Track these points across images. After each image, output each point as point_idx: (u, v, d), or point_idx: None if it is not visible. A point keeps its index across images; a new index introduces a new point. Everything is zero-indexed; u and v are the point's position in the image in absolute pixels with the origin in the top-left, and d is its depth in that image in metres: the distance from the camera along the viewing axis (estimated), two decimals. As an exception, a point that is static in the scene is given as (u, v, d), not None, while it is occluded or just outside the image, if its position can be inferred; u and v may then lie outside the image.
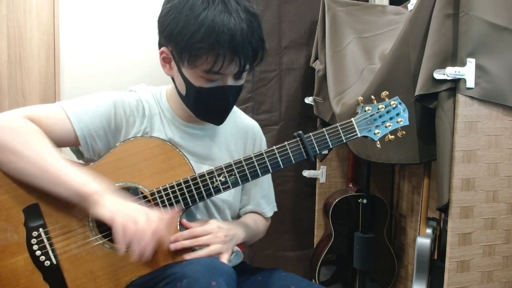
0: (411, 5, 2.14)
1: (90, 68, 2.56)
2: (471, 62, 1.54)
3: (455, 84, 1.58)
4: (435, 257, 1.90)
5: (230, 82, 1.14)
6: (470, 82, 1.55)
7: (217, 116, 1.21)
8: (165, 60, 1.18)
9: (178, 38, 1.09)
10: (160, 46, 1.17)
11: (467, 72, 1.54)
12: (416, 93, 1.63)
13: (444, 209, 1.64)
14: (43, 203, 1.08)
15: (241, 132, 1.34)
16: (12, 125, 1.07)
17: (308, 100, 2.47)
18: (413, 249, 2.11)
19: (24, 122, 1.08)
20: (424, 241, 1.87)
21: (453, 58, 1.59)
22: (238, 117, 1.36)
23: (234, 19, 1.06)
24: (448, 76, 1.57)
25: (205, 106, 1.18)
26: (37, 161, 1.05)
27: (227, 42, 1.06)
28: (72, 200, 1.05)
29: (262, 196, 1.39)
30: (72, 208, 1.09)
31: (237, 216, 1.38)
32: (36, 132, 1.07)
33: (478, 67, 1.55)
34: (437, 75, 1.59)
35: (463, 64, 1.55)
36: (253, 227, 1.34)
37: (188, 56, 1.09)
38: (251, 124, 1.39)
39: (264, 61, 1.17)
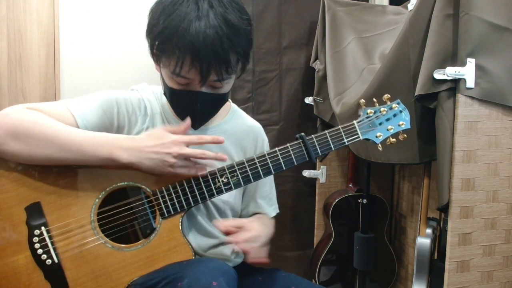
0: (411, 5, 2.14)
1: (90, 68, 2.56)
2: (471, 62, 1.55)
3: (455, 84, 1.58)
4: (435, 257, 1.90)
5: (202, 88, 1.12)
6: (470, 82, 1.55)
7: (192, 120, 1.16)
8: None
9: (150, 35, 1.12)
10: None
11: (467, 72, 1.55)
12: (416, 93, 1.63)
13: (444, 209, 1.64)
14: (45, 202, 1.08)
15: (242, 133, 1.34)
16: (20, 114, 1.06)
17: (308, 100, 2.47)
18: (413, 249, 2.11)
19: (29, 110, 1.08)
20: (424, 241, 1.87)
21: (453, 58, 1.59)
22: (240, 117, 1.35)
23: (199, 25, 1.04)
24: (448, 76, 1.57)
25: (179, 108, 1.19)
26: (57, 138, 1.04)
27: (186, 47, 1.04)
28: (103, 161, 1.06)
29: (263, 197, 1.39)
30: (75, 206, 1.09)
31: (239, 217, 1.38)
32: (41, 114, 1.07)
33: (478, 67, 1.55)
34: (437, 75, 1.59)
35: (463, 64, 1.55)
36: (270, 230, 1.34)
37: (156, 55, 1.11)
38: (252, 125, 1.38)
39: (244, 72, 1.16)
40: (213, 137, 1.12)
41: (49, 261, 1.07)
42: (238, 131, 1.33)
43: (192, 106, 1.15)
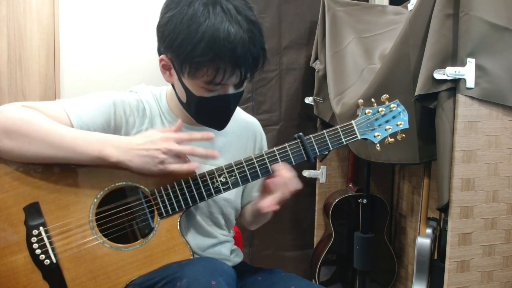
0: (411, 5, 2.14)
1: (90, 68, 2.56)
2: (471, 62, 1.54)
3: (455, 84, 1.58)
4: (435, 257, 1.90)
5: (231, 90, 1.14)
6: (470, 82, 1.55)
7: (218, 123, 1.20)
8: (165, 67, 1.17)
9: (179, 50, 1.07)
10: (159, 53, 1.16)
11: (467, 72, 1.54)
12: (416, 93, 1.63)
13: (444, 209, 1.64)
14: (44, 202, 1.08)
15: (241, 130, 1.34)
16: (13, 113, 1.06)
17: (308, 100, 2.47)
18: (413, 249, 2.11)
19: (24, 109, 1.07)
20: (424, 241, 1.87)
21: (453, 58, 1.59)
22: (237, 114, 1.35)
23: (235, 30, 1.04)
24: (448, 76, 1.57)
25: (206, 114, 1.18)
26: (48, 136, 1.04)
27: (228, 56, 1.04)
28: (93, 160, 1.05)
29: None
30: (73, 206, 1.09)
31: (239, 213, 1.38)
32: (35, 112, 1.07)
33: (478, 67, 1.55)
34: (437, 75, 1.59)
35: (463, 64, 1.55)
36: None
37: (189, 68, 1.08)
38: (250, 121, 1.39)
39: (265, 67, 1.17)
40: (202, 134, 1.12)
41: (47, 261, 1.07)
42: (237, 128, 1.33)
43: (224, 110, 1.17)
